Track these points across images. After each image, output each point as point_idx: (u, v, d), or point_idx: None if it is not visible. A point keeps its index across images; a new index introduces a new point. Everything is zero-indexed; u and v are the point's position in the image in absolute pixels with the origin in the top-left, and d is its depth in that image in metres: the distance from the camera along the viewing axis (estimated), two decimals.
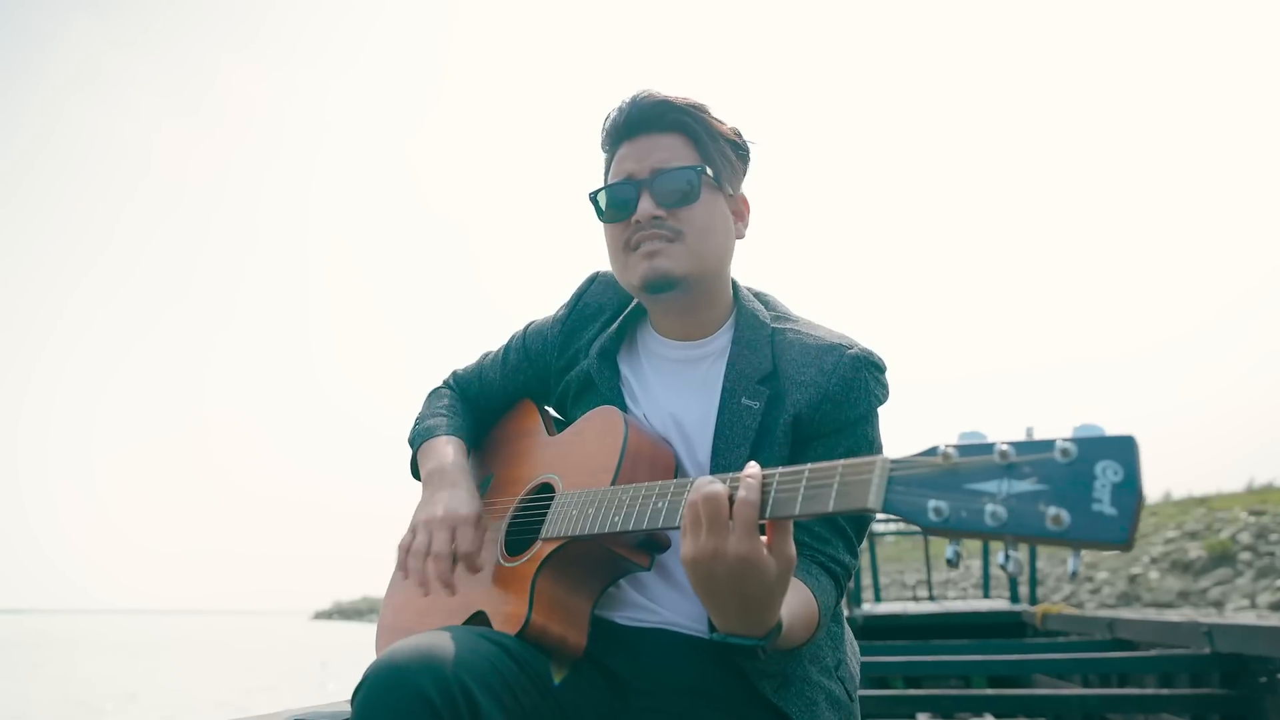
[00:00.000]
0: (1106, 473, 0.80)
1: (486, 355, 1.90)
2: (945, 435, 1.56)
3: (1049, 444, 0.84)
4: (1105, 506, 0.79)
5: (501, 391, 1.85)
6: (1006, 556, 0.87)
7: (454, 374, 1.93)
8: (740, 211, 1.63)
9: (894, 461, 0.96)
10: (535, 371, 1.80)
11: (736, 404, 1.51)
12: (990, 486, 0.86)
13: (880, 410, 1.53)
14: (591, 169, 1.65)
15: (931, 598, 11.63)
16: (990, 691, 4.58)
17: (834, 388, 1.47)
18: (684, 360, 1.61)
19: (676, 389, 1.60)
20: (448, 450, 1.68)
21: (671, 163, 1.53)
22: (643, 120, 1.56)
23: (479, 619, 1.49)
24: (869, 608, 8.64)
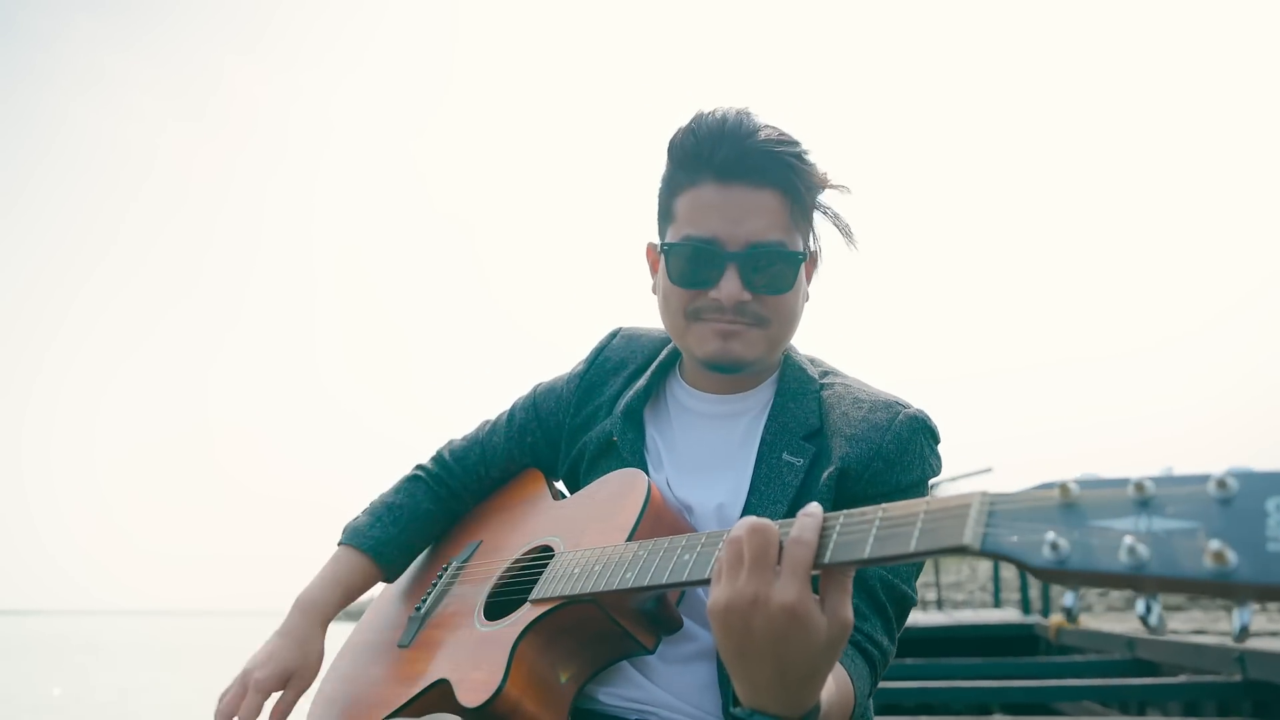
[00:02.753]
0: None
1: (485, 423, 1.70)
2: (947, 437, 1.39)
3: (1200, 478, 0.67)
4: None
5: (505, 457, 1.64)
6: (1148, 607, 0.68)
7: (449, 444, 1.72)
8: (811, 273, 1.44)
9: (994, 496, 0.79)
10: (545, 434, 1.60)
11: (777, 459, 1.33)
12: (1125, 524, 0.69)
13: (931, 484, 1.35)
14: (593, 170, 1.44)
15: (940, 605, 11.46)
16: (1005, 719, 4.42)
17: (888, 446, 1.30)
18: (720, 415, 1.43)
19: (709, 446, 1.41)
20: (330, 573, 1.54)
21: (769, 236, 1.31)
22: (742, 166, 1.30)
23: (440, 688, 1.27)
24: None
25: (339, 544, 1.59)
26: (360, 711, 1.39)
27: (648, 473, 1.37)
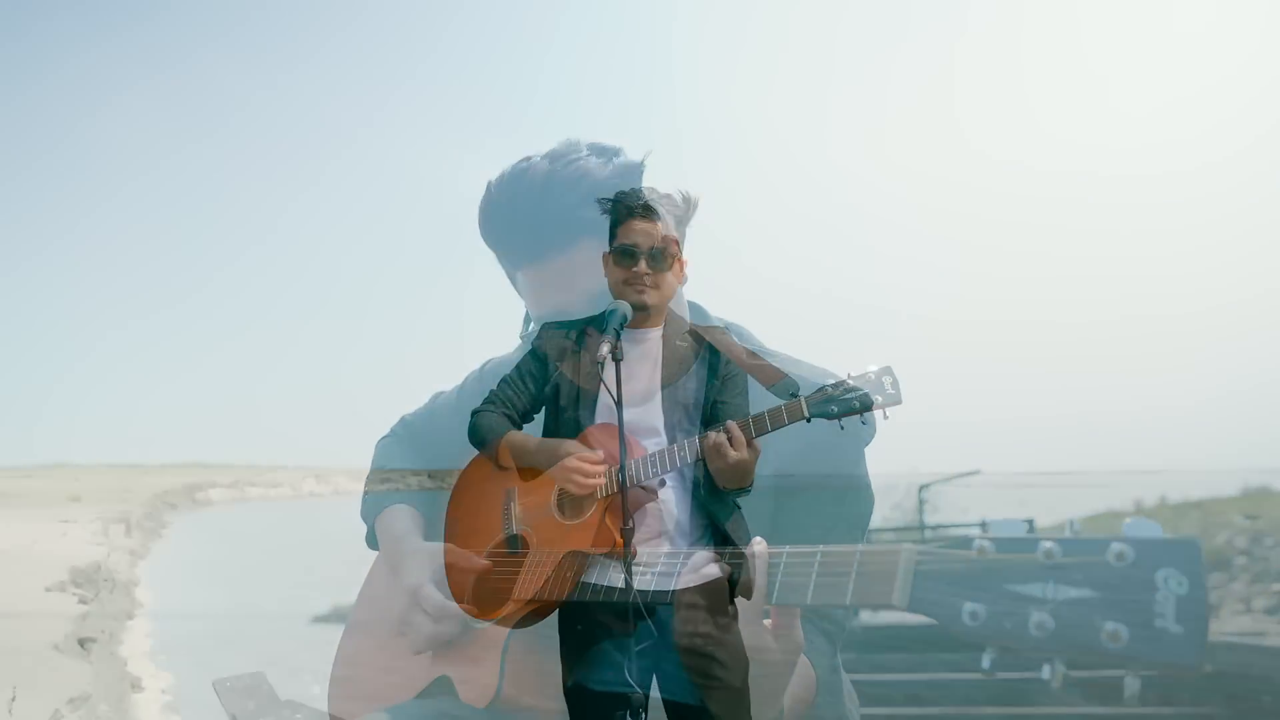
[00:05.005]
0: (1168, 582, 0.70)
1: (439, 395, 1.79)
2: (945, 436, 1.42)
3: (1101, 544, 0.74)
4: (1169, 623, 0.69)
5: (449, 430, 1.71)
6: (1052, 671, 0.76)
7: (402, 420, 1.82)
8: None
9: (920, 551, 0.86)
10: None
11: (672, 345, 1.25)
12: (1034, 590, 0.76)
13: (867, 450, 1.43)
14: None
15: None
16: (990, 710, 4.52)
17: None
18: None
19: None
20: (394, 523, 1.60)
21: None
22: (541, 246, 1.34)
23: (443, 684, 1.38)
24: (868, 617, 8.56)
25: (373, 522, 1.66)
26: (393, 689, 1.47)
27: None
